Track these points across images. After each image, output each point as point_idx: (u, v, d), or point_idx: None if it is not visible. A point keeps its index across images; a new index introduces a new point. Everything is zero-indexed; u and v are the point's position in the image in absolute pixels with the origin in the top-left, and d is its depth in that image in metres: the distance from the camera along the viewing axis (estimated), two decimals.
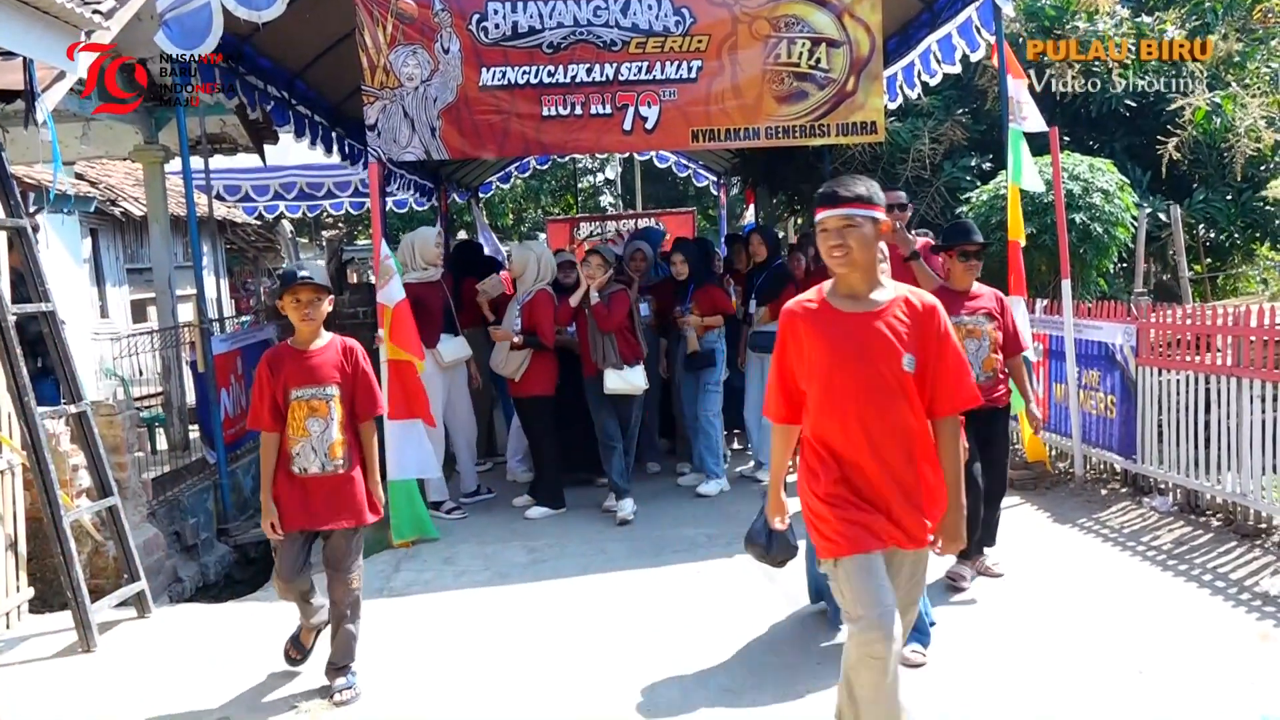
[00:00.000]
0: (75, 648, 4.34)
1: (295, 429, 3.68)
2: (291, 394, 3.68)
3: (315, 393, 3.69)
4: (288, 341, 3.79)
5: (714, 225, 18.66)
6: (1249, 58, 9.31)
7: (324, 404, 3.69)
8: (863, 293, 2.77)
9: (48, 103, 4.64)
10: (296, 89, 7.75)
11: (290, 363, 3.72)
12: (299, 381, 3.69)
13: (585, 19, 6.18)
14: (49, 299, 4.72)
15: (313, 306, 3.70)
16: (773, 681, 3.71)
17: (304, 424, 3.67)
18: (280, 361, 3.74)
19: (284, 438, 3.70)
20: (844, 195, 2.71)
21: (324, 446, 3.68)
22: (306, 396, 3.68)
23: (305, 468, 3.68)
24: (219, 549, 6.54)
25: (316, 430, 3.67)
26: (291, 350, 3.76)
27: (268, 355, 3.79)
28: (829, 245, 2.73)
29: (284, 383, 3.69)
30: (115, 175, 13.76)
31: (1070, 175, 7.33)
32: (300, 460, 3.68)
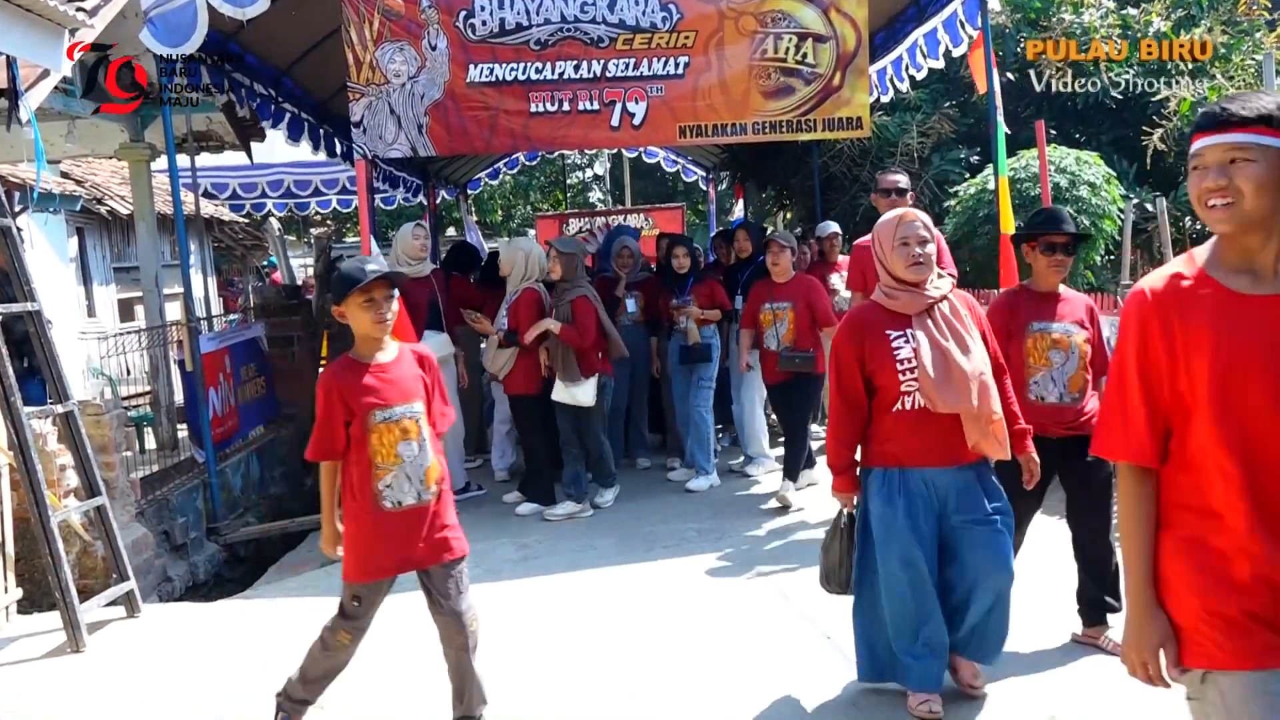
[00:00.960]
0: (64, 648, 4.32)
1: (384, 456, 3.09)
2: (375, 416, 3.09)
3: (404, 412, 3.13)
4: (349, 355, 3.19)
5: (703, 221, 18.67)
6: (1234, 50, 9.35)
7: (414, 424, 3.14)
8: (1267, 264, 1.78)
9: (31, 101, 4.62)
10: (283, 86, 7.73)
11: (367, 379, 3.12)
12: (384, 400, 3.11)
13: (573, 15, 6.18)
14: (35, 298, 4.69)
15: (388, 306, 3.12)
16: (763, 675, 3.73)
17: (395, 450, 3.10)
18: (353, 380, 3.12)
19: (365, 469, 3.10)
20: (1237, 115, 1.75)
21: (419, 473, 3.14)
22: (396, 417, 3.11)
23: (400, 500, 3.12)
24: (208, 548, 6.53)
25: (410, 455, 3.12)
26: (359, 365, 3.15)
27: (333, 375, 3.16)
28: (1205, 190, 1.77)
29: (364, 404, 3.08)
30: (101, 174, 13.69)
31: (1057, 168, 7.36)
32: (393, 493, 3.11)
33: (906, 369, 3.14)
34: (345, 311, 3.14)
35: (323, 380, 3.16)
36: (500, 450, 7.35)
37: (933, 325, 3.19)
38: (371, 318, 3.10)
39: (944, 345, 3.15)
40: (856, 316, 3.33)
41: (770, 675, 3.71)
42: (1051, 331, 3.78)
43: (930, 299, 3.23)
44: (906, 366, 3.14)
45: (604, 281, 7.25)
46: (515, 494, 6.57)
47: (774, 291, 6.11)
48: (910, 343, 3.16)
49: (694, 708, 3.53)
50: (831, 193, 9.74)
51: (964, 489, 3.21)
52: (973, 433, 3.13)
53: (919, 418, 3.16)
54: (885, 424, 3.23)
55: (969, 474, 3.23)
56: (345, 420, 3.10)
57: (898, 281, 3.26)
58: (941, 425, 3.15)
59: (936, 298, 3.24)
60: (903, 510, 3.19)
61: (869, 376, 3.21)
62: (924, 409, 3.14)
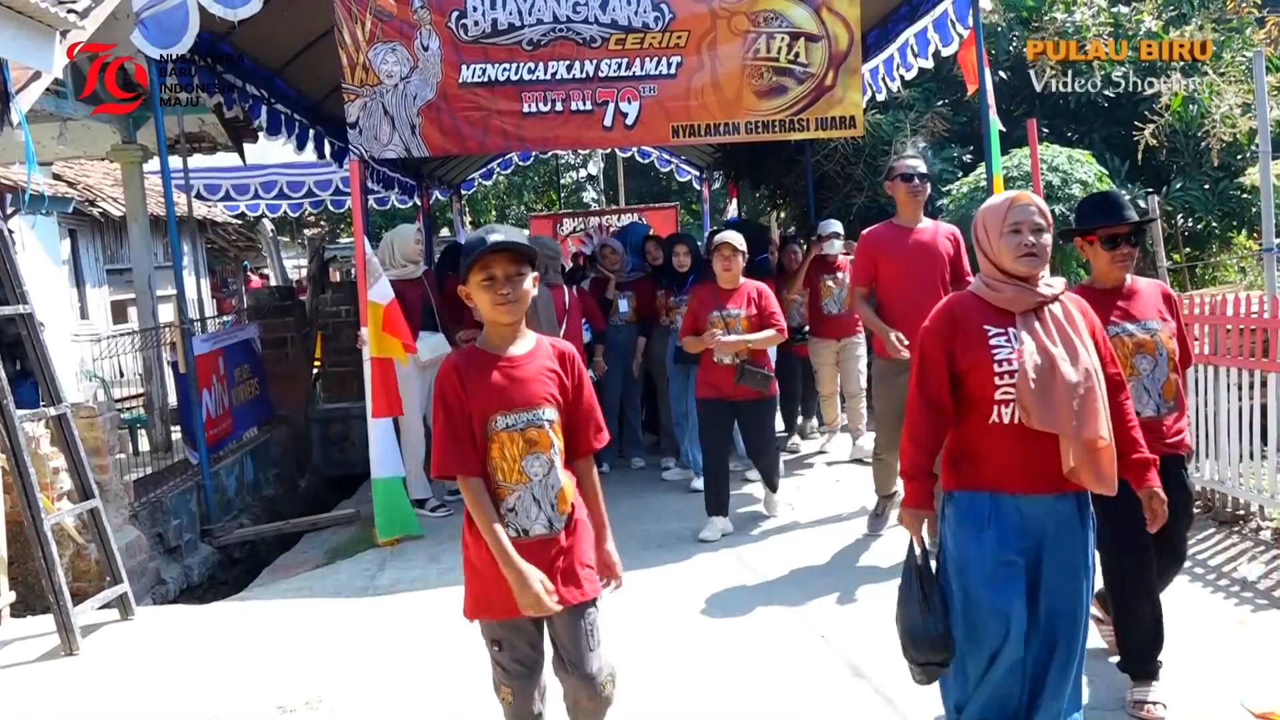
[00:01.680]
0: (58, 651, 4.31)
1: (506, 473, 2.55)
2: (495, 422, 2.54)
3: (531, 418, 2.56)
4: (474, 344, 2.67)
5: (697, 220, 18.68)
6: (1225, 47, 9.39)
7: (543, 434, 2.57)
8: None
9: (23, 103, 4.61)
10: (275, 87, 7.72)
11: (488, 375, 2.56)
12: (506, 403, 2.55)
13: (565, 15, 6.18)
14: (27, 301, 4.68)
15: (513, 285, 2.52)
16: (762, 674, 3.73)
17: (519, 465, 2.55)
18: (474, 374, 2.56)
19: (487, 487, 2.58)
20: None
21: (549, 495, 2.58)
22: (520, 425, 2.55)
23: (525, 528, 2.58)
24: (202, 550, 6.52)
25: (538, 473, 2.57)
26: (485, 356, 2.60)
27: (453, 367, 2.58)
28: None
29: (483, 405, 2.54)
30: (94, 175, 13.67)
31: (1049, 167, 7.38)
32: (518, 518, 2.58)
33: (1004, 373, 2.63)
34: (470, 294, 2.58)
35: (441, 373, 2.58)
36: None
37: (1040, 327, 2.68)
38: (490, 299, 2.52)
39: (1051, 351, 2.63)
40: (950, 306, 2.81)
41: (768, 674, 3.72)
42: (1132, 334, 3.25)
43: (1042, 296, 2.71)
44: (1005, 370, 2.63)
45: (596, 282, 7.26)
46: None
47: (721, 297, 5.45)
48: (1012, 343, 2.66)
49: (692, 708, 3.53)
50: (825, 192, 9.75)
51: (1061, 520, 2.70)
52: (1070, 458, 2.60)
53: (1018, 434, 2.64)
54: (976, 438, 2.72)
55: (1069, 503, 2.71)
56: (467, 421, 2.55)
57: (1003, 274, 2.74)
58: (1044, 444, 2.62)
59: (1048, 296, 2.72)
60: (993, 544, 2.66)
61: (959, 375, 2.72)
62: (1024, 423, 2.63)
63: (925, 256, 4.87)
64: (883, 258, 4.94)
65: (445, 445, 2.56)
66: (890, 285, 4.92)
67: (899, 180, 4.98)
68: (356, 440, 7.96)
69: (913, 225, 4.98)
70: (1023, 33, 9.59)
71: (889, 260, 4.92)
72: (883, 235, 5.03)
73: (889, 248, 4.94)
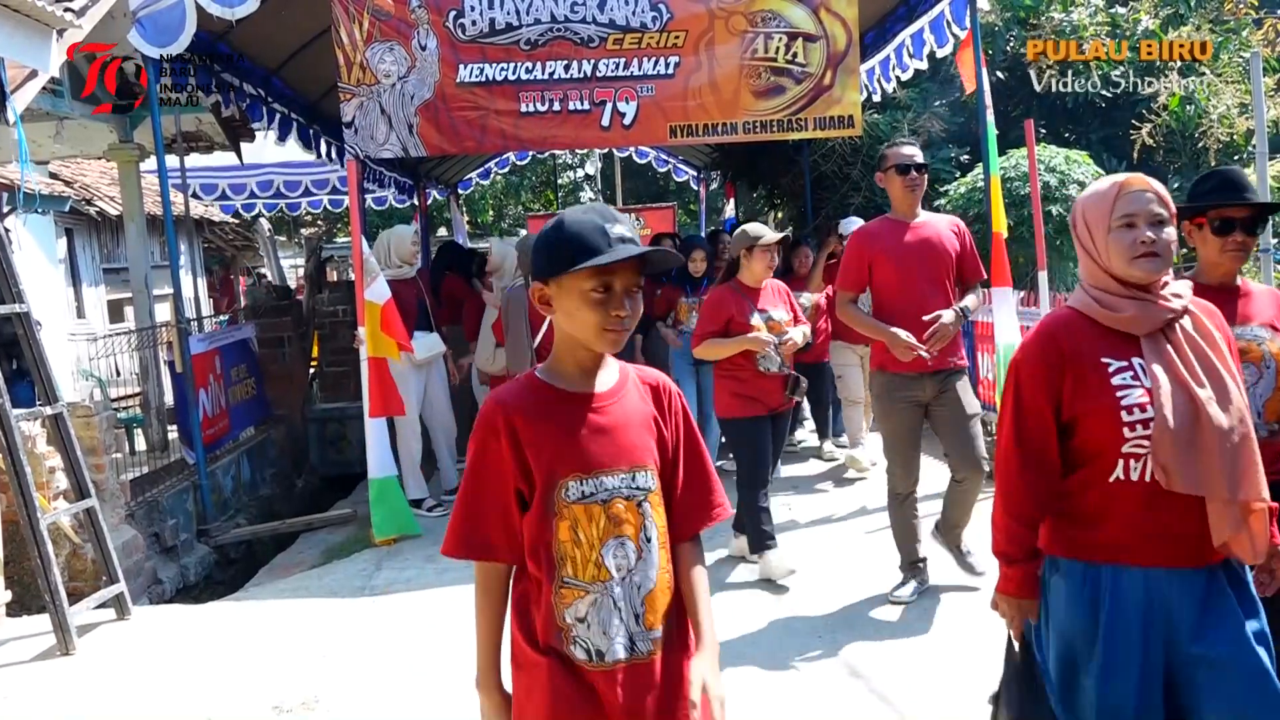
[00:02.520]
0: (54, 651, 4.30)
1: (578, 565, 1.76)
2: (566, 490, 1.75)
3: (620, 486, 1.78)
4: (536, 372, 1.84)
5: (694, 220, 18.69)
6: (1222, 48, 9.41)
7: (635, 511, 1.79)
8: None
9: (19, 102, 4.60)
10: (273, 86, 7.71)
11: (560, 421, 1.78)
12: (585, 463, 1.77)
13: (563, 15, 6.18)
14: (23, 300, 4.67)
15: (633, 303, 1.76)
16: (757, 669, 3.73)
17: (596, 555, 1.76)
18: (536, 417, 1.78)
19: (544, 585, 1.78)
20: None
21: (635, 600, 1.78)
22: (603, 496, 1.77)
23: (600, 649, 1.76)
24: (199, 550, 6.51)
25: (621, 565, 1.77)
26: (553, 393, 1.81)
27: (505, 404, 1.79)
28: None
29: (550, 465, 1.76)
30: (90, 174, 13.66)
31: (1046, 168, 7.39)
32: (589, 634, 1.76)
33: (1136, 421, 2.02)
34: (553, 296, 1.77)
35: (485, 415, 1.79)
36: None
37: (1175, 354, 2.07)
38: (599, 320, 1.72)
39: (1194, 391, 2.03)
40: (1053, 331, 2.15)
41: (767, 674, 3.72)
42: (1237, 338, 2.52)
43: (1171, 311, 2.09)
44: (1138, 418, 2.02)
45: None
46: None
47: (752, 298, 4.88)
48: (1141, 380, 2.05)
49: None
50: (823, 192, 9.76)
51: (1208, 602, 2.06)
52: (1223, 526, 2.02)
53: (1150, 494, 2.04)
54: (1092, 498, 2.11)
55: (1216, 580, 2.08)
56: (515, 489, 1.77)
57: (1119, 283, 2.11)
58: (1181, 506, 2.04)
59: (1178, 310, 2.10)
60: (1112, 629, 2.06)
61: (1070, 422, 2.10)
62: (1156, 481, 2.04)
63: (929, 253, 4.25)
64: (880, 257, 4.30)
65: (463, 513, 1.82)
66: (889, 286, 4.27)
67: (893, 172, 4.32)
68: (353, 440, 7.95)
69: (910, 220, 4.34)
70: (1020, 33, 9.61)
71: (886, 259, 4.28)
72: (878, 232, 4.38)
73: (886, 246, 4.29)
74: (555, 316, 1.79)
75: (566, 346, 1.82)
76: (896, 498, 4.41)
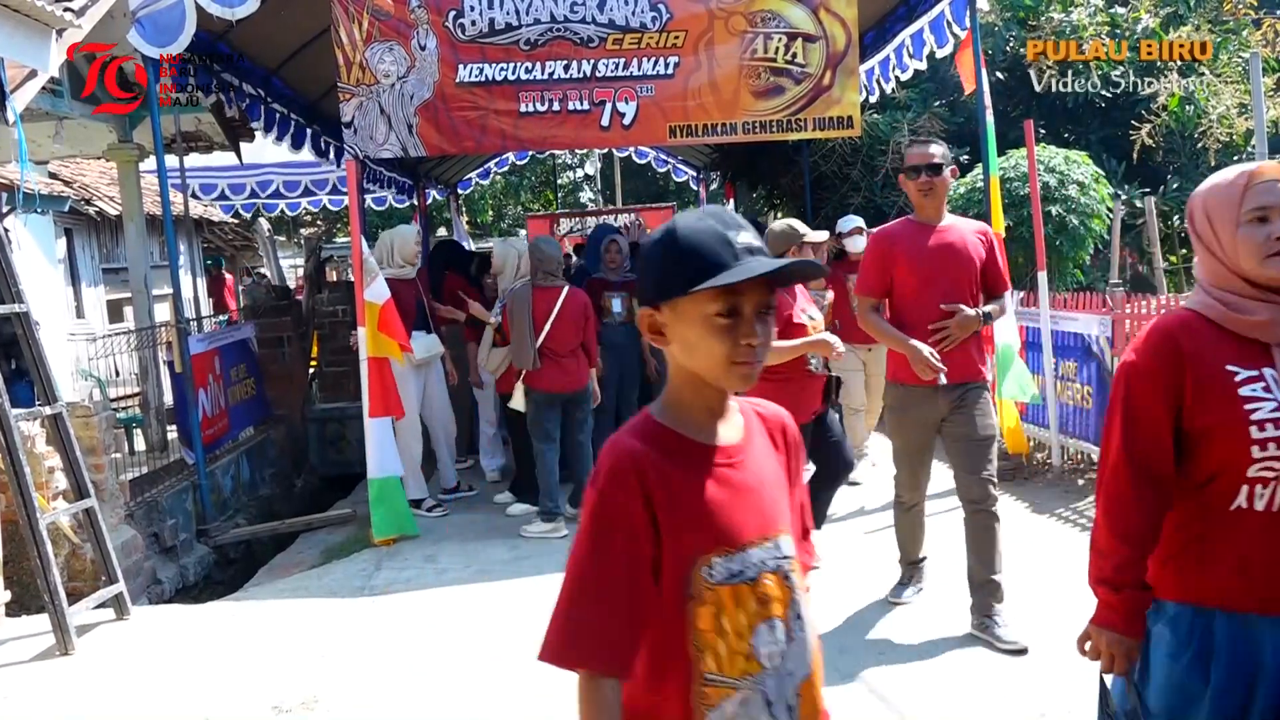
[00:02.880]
0: (53, 651, 4.30)
1: (724, 660, 1.41)
2: (710, 570, 1.41)
3: (765, 557, 1.46)
4: (656, 416, 1.48)
5: None
6: (1222, 48, 9.41)
7: (781, 583, 1.47)
8: None
9: (18, 102, 4.60)
10: (272, 86, 7.71)
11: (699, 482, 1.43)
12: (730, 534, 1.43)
13: (562, 15, 6.18)
14: (22, 300, 4.67)
15: (765, 327, 1.43)
16: None
17: (746, 644, 1.42)
18: (670, 476, 1.41)
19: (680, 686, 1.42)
20: None
21: (789, 691, 1.48)
22: (751, 573, 1.44)
23: None
24: (198, 550, 6.51)
25: (773, 652, 1.45)
26: (685, 444, 1.45)
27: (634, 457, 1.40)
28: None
29: (689, 539, 1.41)
30: (90, 174, 13.66)
31: (1046, 168, 7.39)
32: None
33: (1269, 439, 1.76)
34: (666, 324, 1.43)
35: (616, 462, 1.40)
36: (489, 451, 7.34)
37: None
38: (726, 351, 1.38)
39: None
40: (1172, 333, 1.88)
41: None
42: None
43: None
44: (1270, 436, 1.76)
45: (595, 284, 7.23)
46: (507, 494, 6.57)
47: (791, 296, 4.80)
48: (1274, 391, 1.79)
49: None
50: (822, 192, 9.76)
51: None
52: None
53: (1276, 526, 1.78)
54: (1208, 527, 1.84)
55: None
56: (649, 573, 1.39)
57: (1248, 284, 1.85)
58: None
59: None
60: (1221, 687, 1.78)
61: (1190, 437, 1.85)
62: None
63: (952, 260, 3.96)
64: (900, 261, 4.01)
65: (583, 603, 1.38)
66: (907, 293, 4.00)
67: (905, 175, 4.10)
68: (353, 440, 7.95)
69: (934, 223, 4.03)
70: (1020, 33, 9.62)
71: (907, 265, 3.99)
72: (899, 235, 4.09)
73: (907, 250, 4.00)
74: (670, 349, 1.46)
75: (690, 385, 1.46)
76: (901, 505, 4.27)
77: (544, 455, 5.86)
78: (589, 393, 5.98)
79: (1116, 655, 1.89)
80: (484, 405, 7.16)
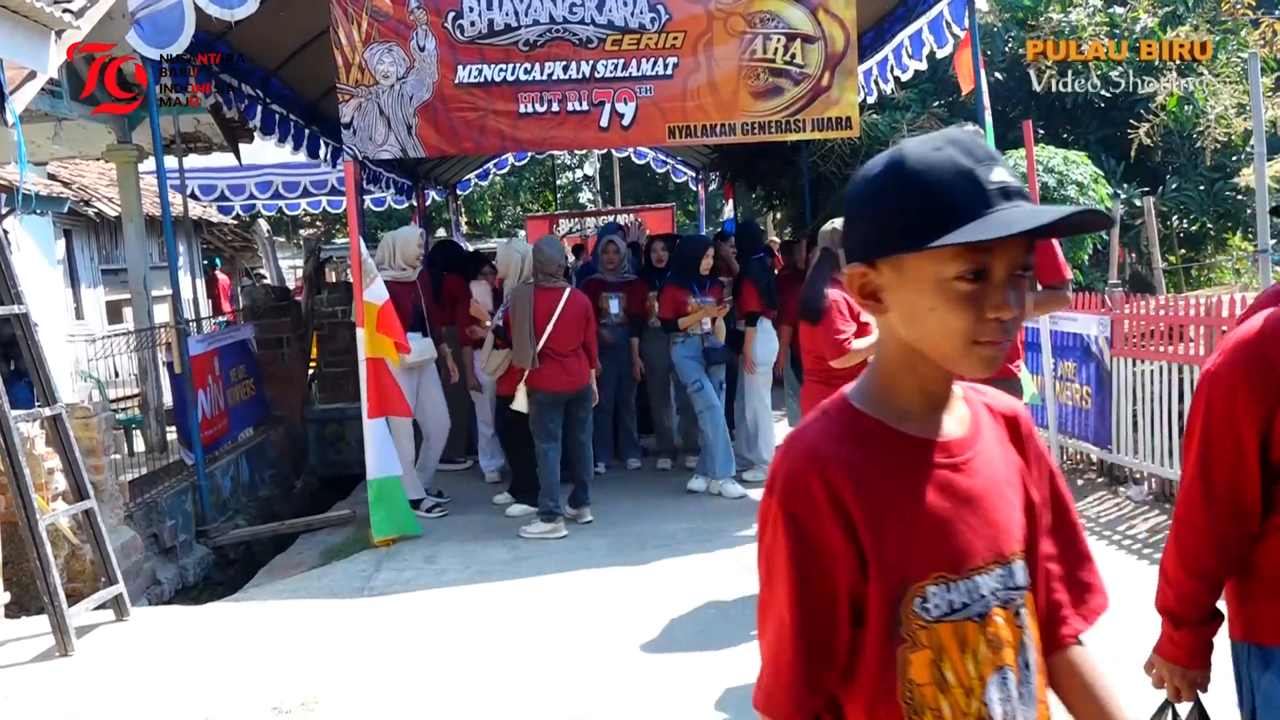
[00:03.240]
0: (53, 652, 4.30)
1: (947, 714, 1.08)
2: (926, 603, 1.08)
3: (996, 587, 1.12)
4: (853, 399, 1.16)
5: (693, 221, 18.69)
6: (1220, 48, 9.42)
7: (1011, 622, 1.13)
8: None
9: (18, 103, 4.60)
10: (271, 87, 7.71)
11: (909, 484, 1.10)
12: (952, 556, 1.10)
13: (561, 16, 6.18)
14: (22, 301, 4.67)
15: (1017, 294, 1.07)
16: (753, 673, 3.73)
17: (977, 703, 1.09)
18: (871, 479, 1.08)
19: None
20: None
21: None
22: (980, 608, 1.10)
23: None
24: (198, 551, 6.51)
25: (1006, 711, 1.11)
26: (897, 440, 1.12)
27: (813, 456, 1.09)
28: None
29: (895, 560, 1.08)
30: (89, 176, 13.65)
31: (1045, 168, 7.40)
32: None
33: None
34: (884, 287, 1.12)
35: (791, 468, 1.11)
36: (488, 452, 7.34)
37: None
38: (968, 326, 1.06)
39: None
40: (1262, 338, 1.61)
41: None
42: None
43: None
44: None
45: (592, 284, 7.23)
46: (506, 495, 6.57)
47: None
48: None
49: (686, 709, 3.53)
50: (821, 192, 9.77)
51: None
52: None
53: None
54: None
55: None
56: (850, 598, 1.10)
57: None
58: None
59: None
60: None
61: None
62: None
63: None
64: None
65: (774, 655, 1.16)
66: None
67: None
68: (352, 441, 7.95)
69: None
70: (1019, 34, 9.62)
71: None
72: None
73: None
74: (886, 319, 1.12)
75: (906, 363, 1.12)
76: None
77: (546, 455, 5.86)
78: (590, 392, 5.99)
79: (1181, 687, 1.77)
80: (481, 407, 7.16)
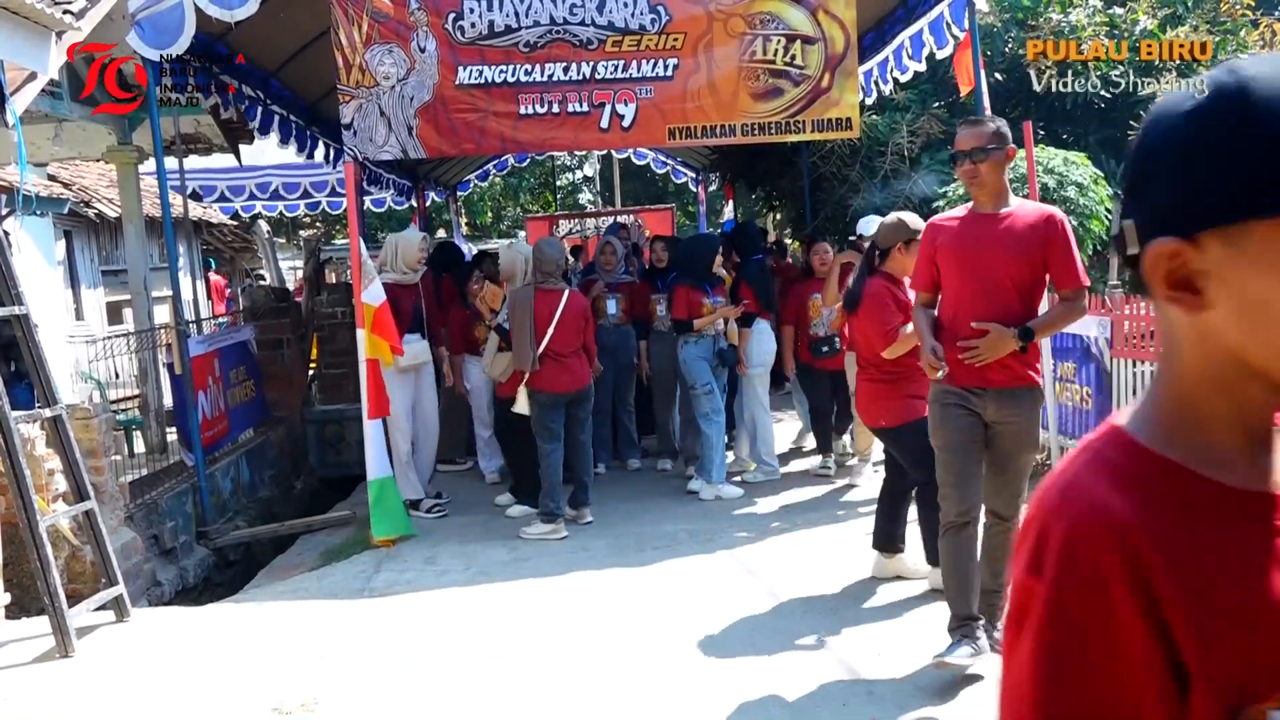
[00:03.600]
0: (53, 653, 4.30)
1: None
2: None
3: None
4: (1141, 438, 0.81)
5: (693, 222, 18.69)
6: (1220, 49, 9.42)
7: None
8: None
9: (18, 104, 4.60)
10: (271, 88, 7.71)
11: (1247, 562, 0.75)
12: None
13: (561, 18, 6.19)
14: (22, 302, 4.67)
15: None
16: (753, 674, 3.73)
17: None
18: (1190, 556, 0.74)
19: None
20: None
21: None
22: None
23: None
24: (198, 552, 6.51)
25: None
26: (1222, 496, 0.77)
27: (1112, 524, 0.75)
28: None
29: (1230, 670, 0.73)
30: (89, 176, 13.65)
31: (1045, 169, 7.39)
32: None
33: None
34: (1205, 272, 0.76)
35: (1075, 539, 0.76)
36: (487, 453, 7.34)
37: None
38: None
39: None
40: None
41: (762, 676, 3.72)
42: None
43: None
44: None
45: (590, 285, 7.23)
46: (507, 495, 6.57)
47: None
48: None
49: (687, 710, 3.53)
50: (821, 193, 9.76)
51: None
52: None
53: None
54: None
55: None
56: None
57: None
58: None
59: None
60: None
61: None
62: None
63: (990, 250, 3.45)
64: (941, 254, 3.57)
65: None
66: (947, 292, 3.61)
67: (955, 162, 3.66)
68: (352, 441, 7.95)
69: (988, 209, 3.52)
70: (1019, 34, 9.62)
71: (945, 259, 3.57)
72: (945, 226, 3.65)
73: (948, 242, 3.56)
74: (1201, 319, 0.80)
75: (1220, 383, 0.81)
76: (951, 529, 3.60)
77: (548, 455, 5.86)
78: (591, 392, 6.00)
79: None
80: (478, 408, 7.16)
